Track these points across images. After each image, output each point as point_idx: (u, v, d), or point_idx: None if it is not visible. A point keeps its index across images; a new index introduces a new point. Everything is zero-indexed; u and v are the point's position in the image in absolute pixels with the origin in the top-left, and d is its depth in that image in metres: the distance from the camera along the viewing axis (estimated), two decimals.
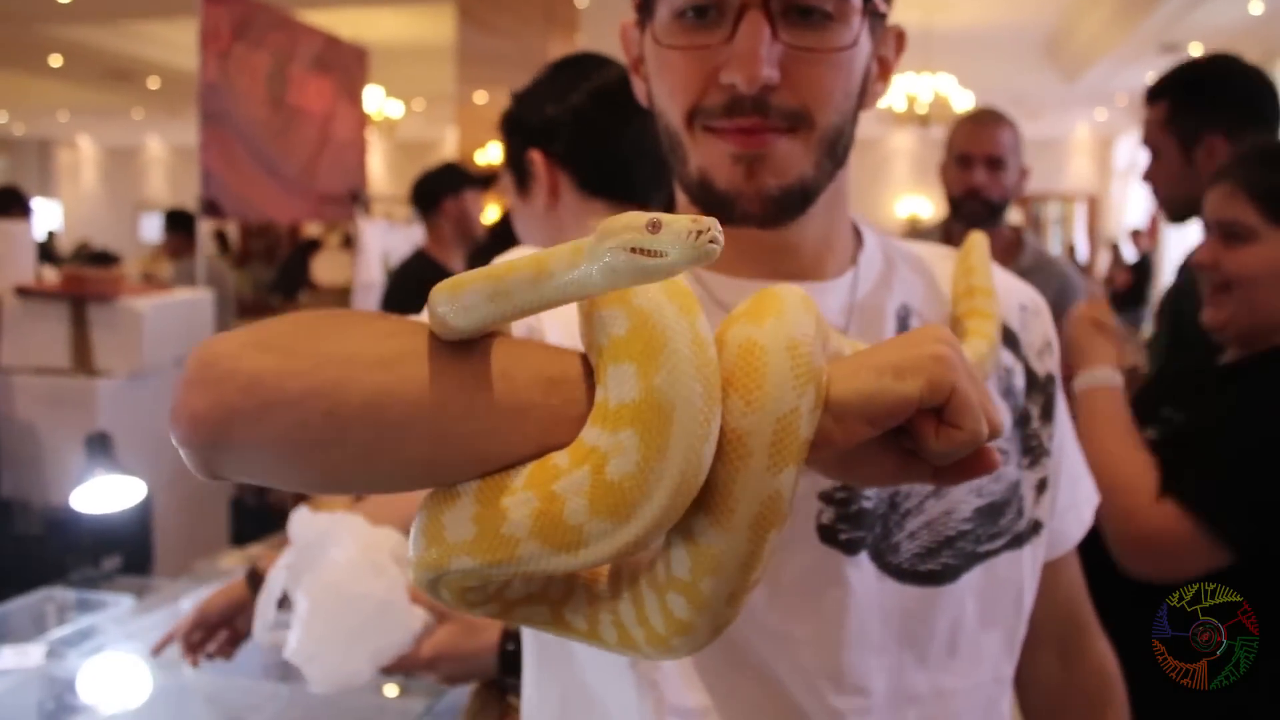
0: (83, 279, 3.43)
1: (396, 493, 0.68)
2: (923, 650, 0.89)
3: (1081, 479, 1.07)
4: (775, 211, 0.87)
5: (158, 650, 1.75)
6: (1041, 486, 0.97)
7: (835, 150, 0.88)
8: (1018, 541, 0.94)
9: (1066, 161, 15.43)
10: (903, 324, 0.94)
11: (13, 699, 1.97)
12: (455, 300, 0.60)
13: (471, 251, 3.53)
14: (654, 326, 0.57)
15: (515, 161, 1.55)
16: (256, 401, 0.60)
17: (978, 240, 1.01)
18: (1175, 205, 2.17)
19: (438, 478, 0.62)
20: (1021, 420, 0.97)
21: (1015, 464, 0.95)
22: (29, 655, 2.03)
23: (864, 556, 0.87)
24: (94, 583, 2.54)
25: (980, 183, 2.73)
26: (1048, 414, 1.00)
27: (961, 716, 0.91)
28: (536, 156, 1.51)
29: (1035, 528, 0.96)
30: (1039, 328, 1.02)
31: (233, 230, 10.93)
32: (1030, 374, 0.99)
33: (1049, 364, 1.01)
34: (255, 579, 1.66)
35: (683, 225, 0.52)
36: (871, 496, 0.88)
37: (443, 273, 3.31)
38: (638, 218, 0.53)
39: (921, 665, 0.89)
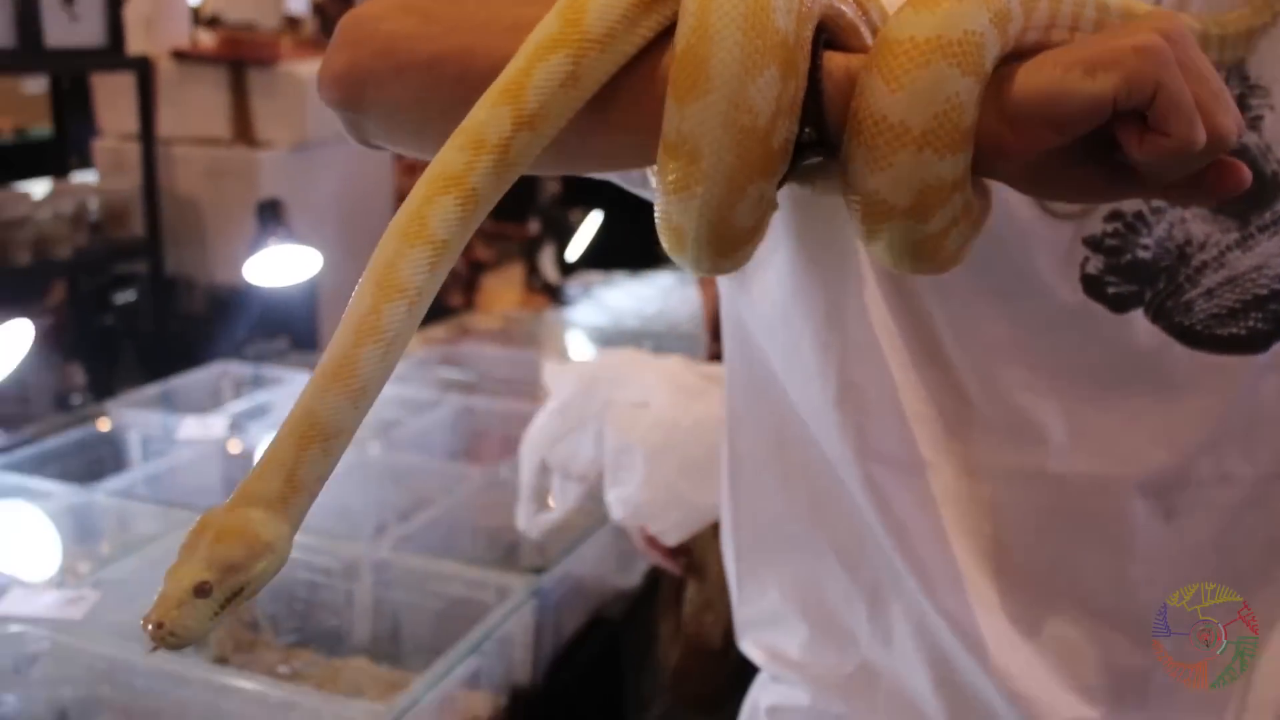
0: (240, 42, 3.50)
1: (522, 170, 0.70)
2: (1211, 427, 0.84)
3: None
4: None
5: None
6: None
7: None
8: None
9: None
10: None
11: (197, 469, 2.11)
12: None
13: None
14: None
15: None
16: (390, 63, 0.67)
17: None
18: None
19: (565, 149, 0.64)
20: None
21: None
22: (211, 427, 2.16)
23: (1137, 315, 0.82)
24: (267, 358, 2.67)
25: None
26: None
27: (1246, 511, 0.85)
28: None
29: None
30: None
31: None
32: None
33: None
34: None
35: None
36: (1150, 245, 0.82)
37: None
38: None
39: (1210, 448, 0.84)
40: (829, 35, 0.62)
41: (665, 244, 0.63)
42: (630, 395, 1.46)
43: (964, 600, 0.87)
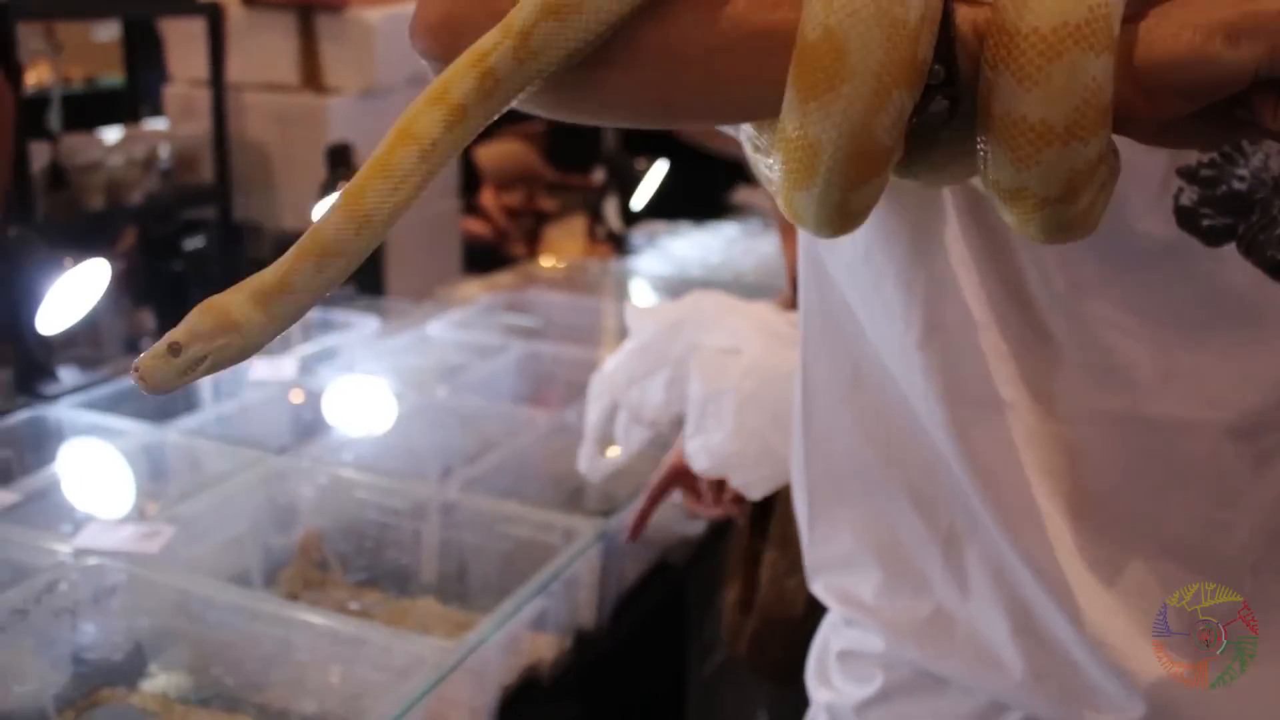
0: None
1: (630, 120, 0.69)
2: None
3: None
4: None
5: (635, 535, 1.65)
6: None
7: None
8: None
9: None
10: None
11: (266, 410, 2.14)
12: None
13: None
14: None
15: None
16: (489, 11, 0.63)
17: None
18: None
19: (674, 102, 0.64)
20: None
21: None
22: (282, 368, 2.18)
23: (1229, 249, 0.79)
24: (335, 303, 2.69)
25: None
26: None
27: None
28: None
29: None
30: None
31: None
32: None
33: None
34: None
35: None
36: (1246, 176, 0.78)
37: None
38: None
39: None
40: None
41: (789, 175, 0.59)
42: (719, 340, 1.41)
43: (1045, 544, 0.85)
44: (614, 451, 1.66)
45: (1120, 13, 0.54)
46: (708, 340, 1.42)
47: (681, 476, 1.51)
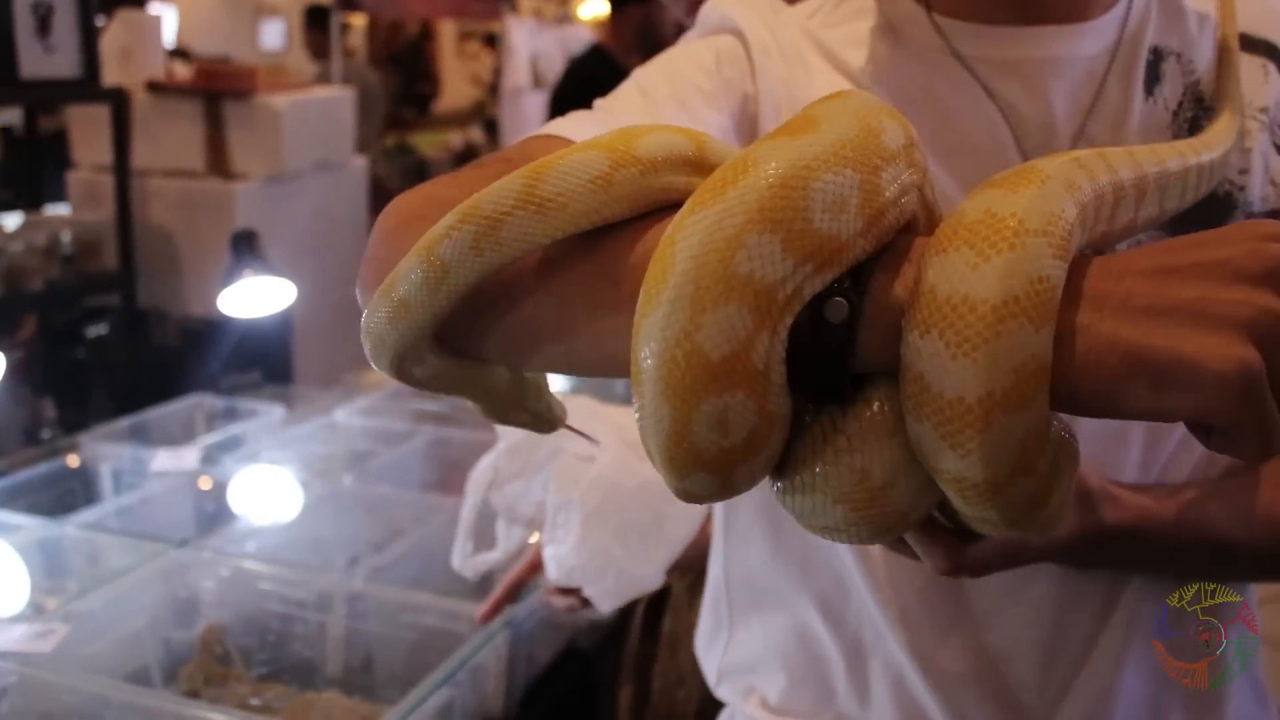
0: (216, 73, 3.52)
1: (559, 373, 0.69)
2: (1121, 465, 0.86)
3: None
4: None
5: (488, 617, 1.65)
6: None
7: None
8: None
9: None
10: (1153, 71, 0.86)
11: (170, 500, 2.11)
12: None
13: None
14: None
15: None
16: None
17: None
18: None
19: (582, 372, 0.65)
20: None
21: None
22: (184, 459, 2.16)
23: None
24: (240, 391, 2.67)
25: None
26: None
27: None
28: None
29: None
30: None
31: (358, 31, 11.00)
32: None
33: None
34: None
35: None
36: None
37: (622, 74, 3.27)
38: None
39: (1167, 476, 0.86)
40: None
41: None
42: (579, 447, 1.43)
43: (943, 659, 0.89)
44: (492, 549, 1.65)
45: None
46: (569, 445, 1.43)
47: (540, 566, 1.53)
